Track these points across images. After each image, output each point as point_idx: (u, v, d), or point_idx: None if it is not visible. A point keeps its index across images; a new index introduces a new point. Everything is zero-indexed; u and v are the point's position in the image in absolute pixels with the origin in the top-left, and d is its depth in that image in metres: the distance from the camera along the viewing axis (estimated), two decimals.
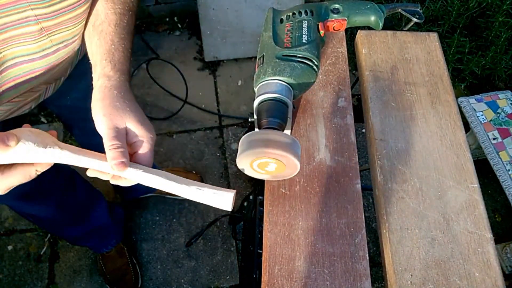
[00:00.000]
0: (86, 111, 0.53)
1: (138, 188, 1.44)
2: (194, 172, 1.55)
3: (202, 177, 1.54)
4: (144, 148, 0.51)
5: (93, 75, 0.55)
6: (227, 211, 1.50)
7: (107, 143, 0.49)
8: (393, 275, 0.53)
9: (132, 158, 0.51)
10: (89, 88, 0.91)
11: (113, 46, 0.55)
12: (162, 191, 1.56)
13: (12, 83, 0.58)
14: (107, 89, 0.52)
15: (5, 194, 0.91)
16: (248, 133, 0.47)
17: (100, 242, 1.32)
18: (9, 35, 0.51)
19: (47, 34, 0.54)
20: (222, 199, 0.48)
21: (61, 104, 0.79)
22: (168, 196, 1.50)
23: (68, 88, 0.79)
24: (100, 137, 0.50)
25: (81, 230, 1.20)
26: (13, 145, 0.42)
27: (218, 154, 1.63)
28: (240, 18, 1.67)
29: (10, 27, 0.50)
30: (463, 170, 0.61)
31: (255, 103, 0.53)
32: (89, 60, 0.59)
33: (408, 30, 0.73)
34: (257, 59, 0.56)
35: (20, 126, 0.46)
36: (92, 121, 0.51)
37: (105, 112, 0.50)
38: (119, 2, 0.58)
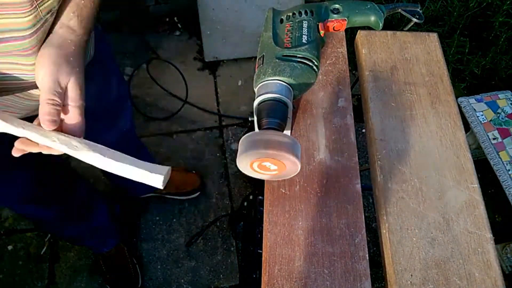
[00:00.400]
0: (95, 112, 0.52)
1: (138, 188, 1.44)
2: (194, 172, 1.55)
3: (202, 177, 1.55)
4: (76, 116, 0.49)
5: (54, 21, 0.52)
6: (227, 212, 1.50)
7: (47, 95, 0.46)
8: (393, 275, 0.53)
9: (60, 125, 0.49)
10: (97, 91, 0.87)
11: (82, 1, 0.53)
12: (161, 190, 1.56)
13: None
14: (66, 41, 0.50)
15: (6, 197, 0.91)
16: (248, 133, 0.47)
17: (100, 242, 1.32)
18: None
19: (37, 5, 0.51)
20: (153, 177, 0.48)
21: None
22: (168, 196, 1.50)
23: None
24: (106, 142, 0.49)
25: (81, 230, 1.20)
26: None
27: (218, 154, 1.63)
28: (240, 18, 1.67)
29: None
30: (463, 170, 0.61)
31: (255, 103, 0.53)
32: (95, 63, 0.57)
33: (408, 30, 0.73)
34: (257, 59, 0.56)
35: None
36: (100, 122, 0.50)
37: (56, 62, 0.48)
38: None
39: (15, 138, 0.48)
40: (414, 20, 0.65)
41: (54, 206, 1.02)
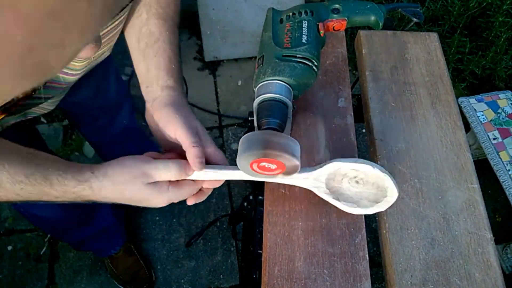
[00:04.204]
0: (94, 109, 0.54)
1: None
2: None
3: None
4: (217, 150, 0.54)
5: (149, 88, 0.57)
6: (227, 212, 1.50)
7: (191, 139, 0.50)
8: (393, 276, 0.53)
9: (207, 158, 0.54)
10: (98, 85, 0.89)
11: (170, 61, 0.58)
12: None
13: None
14: (173, 97, 0.55)
15: None
16: (247, 134, 0.47)
17: (108, 243, 1.31)
18: None
19: (91, 57, 0.57)
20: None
21: (71, 100, 0.79)
22: None
23: (78, 85, 0.79)
24: (110, 136, 0.51)
25: (86, 233, 1.19)
26: (190, 175, 0.51)
27: None
28: (240, 18, 1.67)
29: None
30: (463, 170, 0.61)
31: (255, 103, 0.53)
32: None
33: (408, 30, 0.73)
34: (257, 59, 0.56)
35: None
36: (101, 118, 0.52)
37: (181, 114, 0.52)
38: (169, 19, 0.61)
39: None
40: (414, 20, 0.65)
41: (63, 206, 1.01)
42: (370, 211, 0.54)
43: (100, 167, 0.49)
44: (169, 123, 0.52)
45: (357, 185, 0.52)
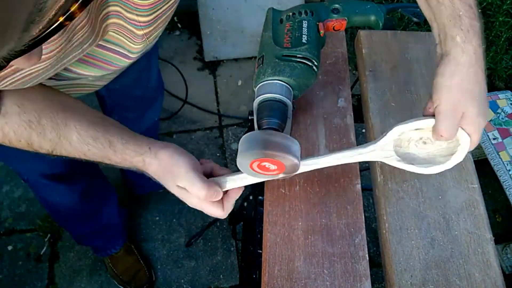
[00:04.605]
0: (130, 99, 0.54)
1: (150, 185, 1.43)
2: None
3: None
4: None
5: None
6: None
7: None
8: (393, 276, 0.53)
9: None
10: (140, 74, 0.88)
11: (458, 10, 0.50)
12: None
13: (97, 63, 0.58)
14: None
15: (39, 170, 0.92)
16: (247, 133, 0.47)
17: (108, 242, 1.31)
18: (116, 21, 0.50)
19: (147, 39, 0.55)
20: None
21: (110, 86, 0.78)
22: (170, 193, 1.49)
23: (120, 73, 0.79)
24: (136, 131, 0.55)
25: (90, 227, 1.20)
26: (220, 197, 0.55)
27: (218, 154, 1.63)
28: (240, 18, 1.67)
29: (117, 16, 0.49)
30: (463, 170, 0.61)
31: (255, 103, 0.53)
32: None
33: (408, 30, 0.73)
34: (257, 59, 0.56)
35: None
36: (133, 110, 0.53)
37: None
38: None
39: None
40: (414, 20, 0.65)
41: (79, 192, 1.02)
42: (449, 164, 0.54)
43: (156, 144, 0.54)
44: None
45: (425, 146, 0.52)
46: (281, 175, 0.50)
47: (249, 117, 0.57)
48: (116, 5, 0.48)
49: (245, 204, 0.99)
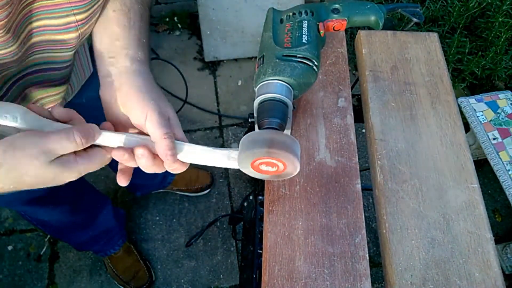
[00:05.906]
0: (98, 110, 0.52)
1: (150, 185, 1.43)
2: (207, 171, 1.54)
3: (212, 176, 1.54)
4: (181, 132, 0.50)
5: (114, 59, 0.50)
6: (227, 212, 1.50)
7: (162, 131, 0.46)
8: (393, 275, 0.53)
9: None
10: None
11: (140, 34, 0.52)
12: (172, 187, 1.53)
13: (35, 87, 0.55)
14: (145, 74, 0.49)
15: (19, 199, 0.89)
16: (248, 133, 0.47)
17: (107, 244, 1.31)
18: (46, 39, 0.47)
19: (82, 38, 0.51)
20: (232, 163, 0.49)
21: (76, 101, 0.77)
22: (178, 193, 1.49)
23: (84, 86, 0.79)
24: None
25: (88, 235, 1.20)
26: (97, 139, 0.46)
27: None
28: (240, 18, 1.67)
29: (50, 31, 0.47)
30: (463, 170, 0.61)
31: (255, 103, 0.53)
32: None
33: (408, 30, 0.73)
34: (257, 59, 0.56)
35: None
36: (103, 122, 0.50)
37: (153, 97, 0.47)
38: None
39: None
40: (414, 20, 0.65)
41: (66, 211, 1.01)
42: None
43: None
44: (138, 108, 0.47)
45: None
46: (281, 175, 0.50)
47: (249, 120, 0.57)
48: (43, 18, 0.45)
49: (245, 204, 0.99)
